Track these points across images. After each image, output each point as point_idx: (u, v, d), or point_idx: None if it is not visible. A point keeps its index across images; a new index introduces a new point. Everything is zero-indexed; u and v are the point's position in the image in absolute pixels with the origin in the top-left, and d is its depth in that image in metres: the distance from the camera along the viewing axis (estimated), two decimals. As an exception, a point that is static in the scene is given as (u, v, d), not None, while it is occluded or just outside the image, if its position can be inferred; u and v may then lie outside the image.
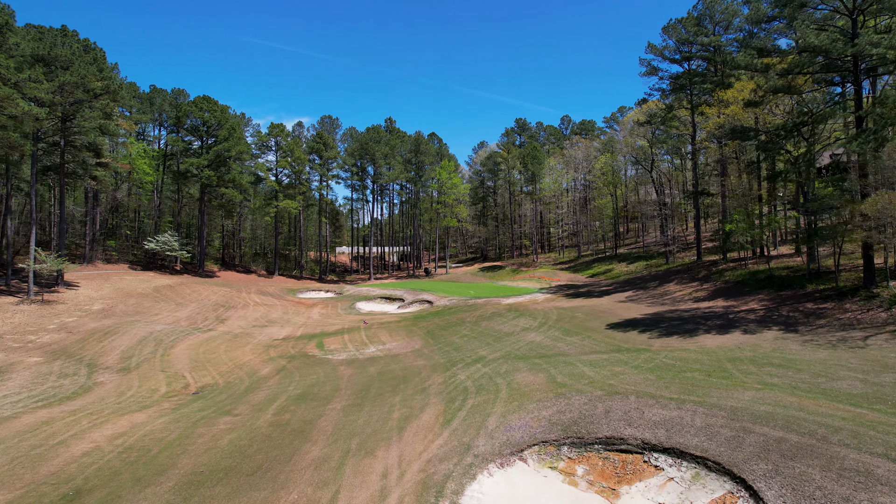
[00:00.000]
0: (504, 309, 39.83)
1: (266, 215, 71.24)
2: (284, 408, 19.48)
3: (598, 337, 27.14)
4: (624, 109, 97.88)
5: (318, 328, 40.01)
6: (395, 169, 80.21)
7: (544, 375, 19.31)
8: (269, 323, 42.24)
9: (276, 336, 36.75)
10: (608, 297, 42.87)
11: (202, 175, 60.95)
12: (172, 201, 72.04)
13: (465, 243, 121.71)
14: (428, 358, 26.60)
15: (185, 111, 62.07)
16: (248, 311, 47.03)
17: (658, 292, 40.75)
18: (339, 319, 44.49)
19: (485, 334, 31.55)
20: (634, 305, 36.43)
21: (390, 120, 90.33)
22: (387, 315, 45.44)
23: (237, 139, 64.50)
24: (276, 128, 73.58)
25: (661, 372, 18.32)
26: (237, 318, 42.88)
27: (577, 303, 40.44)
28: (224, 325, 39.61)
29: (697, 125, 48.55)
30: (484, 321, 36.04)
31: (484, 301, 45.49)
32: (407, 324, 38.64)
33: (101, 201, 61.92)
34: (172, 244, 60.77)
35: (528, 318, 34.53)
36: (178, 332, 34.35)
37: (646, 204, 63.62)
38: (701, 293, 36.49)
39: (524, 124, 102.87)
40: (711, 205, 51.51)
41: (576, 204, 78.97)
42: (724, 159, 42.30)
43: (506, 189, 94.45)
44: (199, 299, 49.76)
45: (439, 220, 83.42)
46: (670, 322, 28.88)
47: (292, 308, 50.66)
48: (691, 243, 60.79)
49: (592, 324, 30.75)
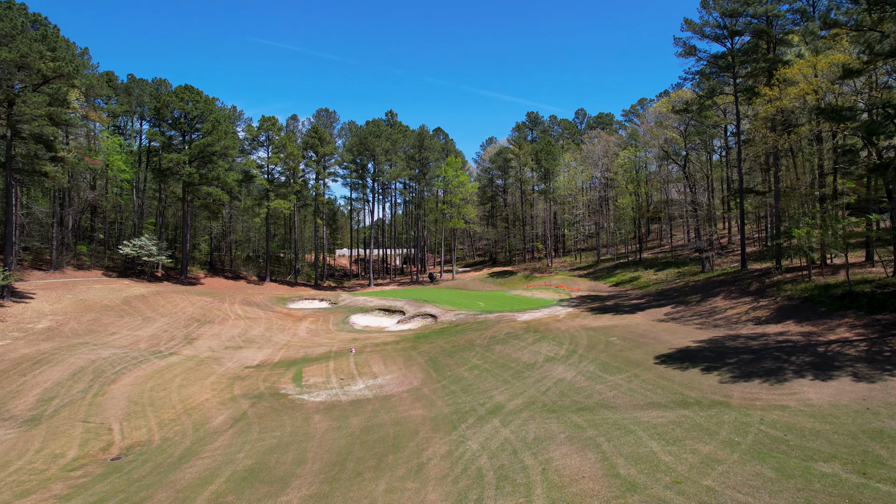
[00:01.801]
0: (521, 328, 33.70)
1: (256, 216, 65.56)
2: (218, 498, 13.52)
3: (648, 376, 20.93)
4: (645, 101, 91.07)
5: (302, 350, 34.10)
6: (398, 166, 74.17)
7: (595, 457, 13.18)
8: (247, 343, 36.39)
9: (249, 362, 30.86)
10: (642, 313, 36.60)
11: (182, 173, 55.30)
12: (157, 201, 66.53)
13: (472, 246, 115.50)
14: (428, 403, 20.59)
15: (165, 102, 56.44)
16: (225, 326, 41.25)
17: (704, 309, 34.39)
18: (329, 338, 38.56)
19: (500, 365, 25.47)
20: (679, 327, 30.12)
21: (391, 113, 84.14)
22: (384, 333, 39.43)
23: (223, 133, 58.80)
24: (267, 121, 67.86)
25: (774, 460, 12.10)
26: (209, 337, 37.06)
27: (607, 321, 34.20)
28: (191, 347, 33.78)
29: (742, 114, 42.00)
30: (497, 344, 29.96)
31: (496, 317, 39.38)
32: (406, 346, 32.63)
33: (73, 201, 56.48)
34: (150, 248, 55.24)
35: (552, 343, 28.37)
36: (128, 360, 28.56)
37: (675, 203, 57.22)
38: (761, 312, 30.09)
39: (536, 118, 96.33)
40: (759, 205, 45.07)
41: (594, 203, 72.53)
42: (776, 152, 35.94)
43: (517, 188, 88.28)
44: (173, 312, 44.07)
45: (445, 221, 77.40)
46: (738, 355, 22.60)
47: (278, 322, 44.81)
48: (728, 249, 54.21)
49: (635, 355, 24.53)
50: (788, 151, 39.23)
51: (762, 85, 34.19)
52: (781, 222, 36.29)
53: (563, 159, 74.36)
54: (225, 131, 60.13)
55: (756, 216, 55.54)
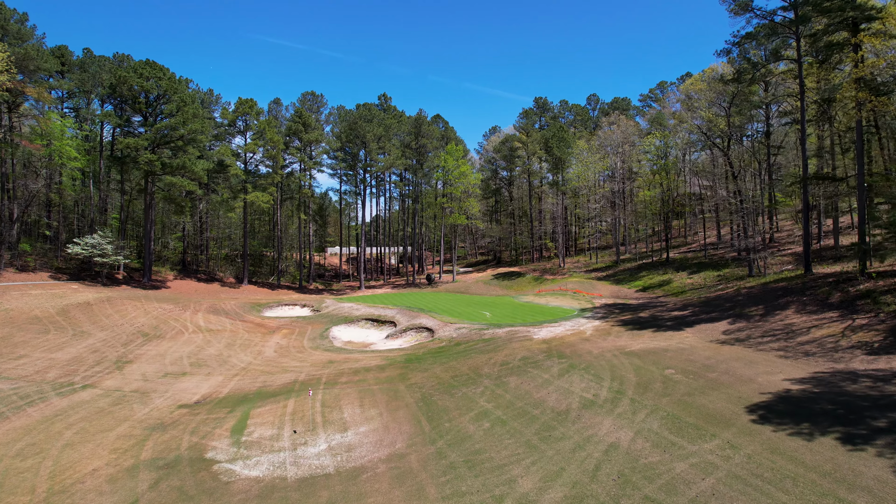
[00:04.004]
0: (540, 350, 26.32)
1: (231, 211, 58.17)
2: None
3: (753, 449, 13.49)
4: (665, 85, 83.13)
5: (261, 378, 26.76)
6: (391, 154, 66.57)
7: None
8: (195, 367, 29.04)
9: (186, 397, 23.53)
10: (691, 329, 29.17)
11: (141, 160, 47.84)
12: (120, 194, 59.04)
13: (474, 244, 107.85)
14: (416, 490, 13.29)
15: (122, 78, 48.90)
16: (176, 343, 33.90)
17: (775, 327, 26.92)
18: (300, 359, 31.21)
19: (518, 412, 18.14)
20: (755, 354, 22.67)
21: (385, 97, 76.36)
22: (367, 354, 32.01)
23: (190, 115, 51.32)
24: (244, 104, 60.26)
25: None
26: (149, 360, 29.70)
27: (648, 340, 26.76)
28: (118, 376, 26.43)
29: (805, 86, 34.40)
30: (512, 375, 22.62)
31: (506, 332, 32.00)
32: (393, 375, 25.26)
33: (16, 194, 49.06)
34: (104, 248, 47.85)
35: (587, 377, 20.97)
36: (14, 399, 21.24)
37: (709, 196, 49.64)
38: (867, 335, 22.61)
39: (545, 104, 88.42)
40: (827, 195, 37.38)
41: (612, 196, 64.92)
42: (859, 126, 28.48)
43: (524, 180, 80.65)
44: (118, 324, 36.76)
45: (445, 217, 69.90)
46: (883, 412, 15.14)
47: (244, 336, 37.47)
48: (770, 247, 46.66)
49: (714, 402, 17.12)
50: (873, 127, 31.73)
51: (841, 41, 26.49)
52: (874, 213, 28.78)
53: (577, 147, 66.65)
54: (194, 114, 52.63)
55: (793, 211, 47.80)
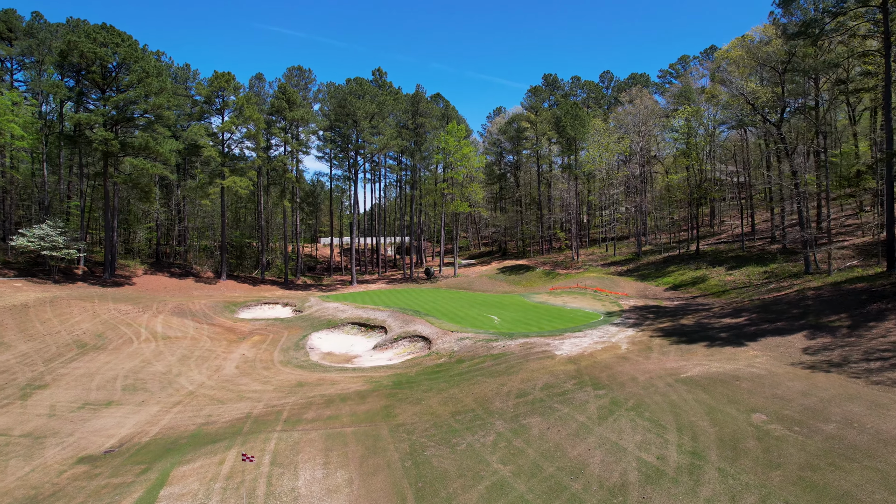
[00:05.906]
0: (567, 375, 20.23)
1: (205, 197, 51.90)
2: None
3: None
4: (687, 59, 75.87)
5: (206, 411, 20.76)
6: (385, 134, 59.91)
7: None
8: (129, 391, 23.05)
9: (96, 444, 17.57)
10: (756, 344, 23.00)
11: (95, 138, 41.49)
12: (80, 179, 52.72)
13: (478, 233, 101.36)
14: None
15: (73, 44, 42.33)
16: (118, 356, 27.92)
17: (877, 345, 20.69)
18: (264, 379, 25.21)
19: (550, 488, 12.11)
20: (869, 390, 16.51)
21: (380, 71, 69.37)
22: (346, 374, 25.90)
23: (155, 88, 44.84)
24: (220, 77, 53.59)
25: None
26: (71, 382, 23.72)
27: (706, 360, 20.59)
28: (16, 409, 20.46)
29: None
30: (534, 415, 16.60)
31: (520, 346, 25.90)
32: (374, 409, 19.20)
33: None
34: (54, 239, 41.75)
35: (639, 421, 14.84)
36: None
37: (754, 179, 42.99)
38: None
39: (555, 81, 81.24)
40: None
41: (633, 181, 58.30)
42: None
43: (532, 164, 74.00)
44: (53, 332, 30.77)
45: (445, 204, 63.56)
46: None
47: (205, 345, 31.47)
48: (821, 239, 40.26)
49: (861, 489, 10.99)
50: None
51: None
52: None
53: (593, 126, 59.89)
54: (160, 87, 46.12)
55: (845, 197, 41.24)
